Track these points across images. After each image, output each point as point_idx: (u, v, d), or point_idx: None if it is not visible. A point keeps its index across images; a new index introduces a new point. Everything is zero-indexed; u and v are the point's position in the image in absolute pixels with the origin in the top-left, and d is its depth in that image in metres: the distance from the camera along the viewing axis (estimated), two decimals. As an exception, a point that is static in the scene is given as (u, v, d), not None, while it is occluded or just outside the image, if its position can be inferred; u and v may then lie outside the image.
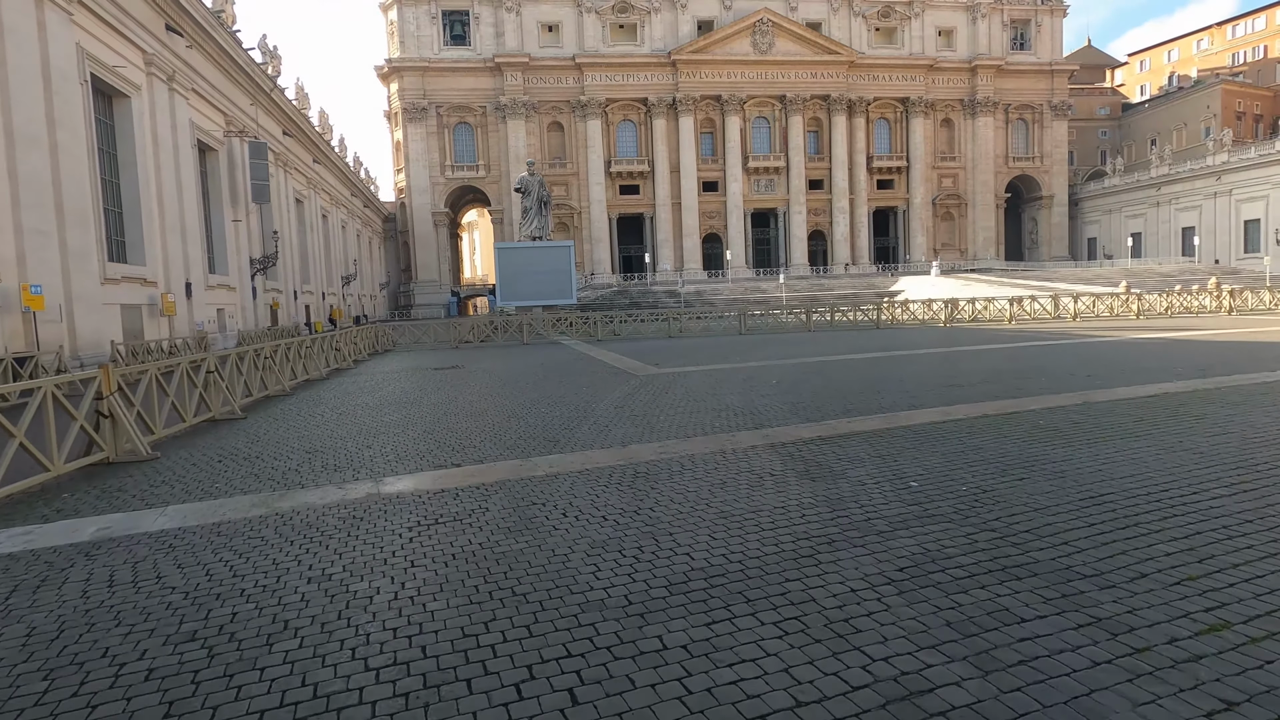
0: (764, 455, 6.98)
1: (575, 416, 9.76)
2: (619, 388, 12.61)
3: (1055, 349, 17.17)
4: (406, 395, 13.03)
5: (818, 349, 19.27)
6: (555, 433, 8.64)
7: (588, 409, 10.34)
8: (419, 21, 74.32)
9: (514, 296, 36.48)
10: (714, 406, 10.14)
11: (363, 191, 71.65)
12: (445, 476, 6.66)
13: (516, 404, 11.26)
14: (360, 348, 22.01)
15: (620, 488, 5.99)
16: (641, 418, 9.42)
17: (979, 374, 12.91)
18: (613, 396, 11.54)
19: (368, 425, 9.88)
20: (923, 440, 7.40)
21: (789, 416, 9.11)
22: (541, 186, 39.08)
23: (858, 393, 10.98)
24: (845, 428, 8.18)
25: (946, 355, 16.50)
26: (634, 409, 10.19)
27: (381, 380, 15.99)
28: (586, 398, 11.51)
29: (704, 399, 10.91)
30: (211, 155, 34.38)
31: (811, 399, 10.52)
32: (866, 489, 5.64)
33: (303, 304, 47.86)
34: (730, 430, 8.36)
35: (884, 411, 9.20)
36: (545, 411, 10.31)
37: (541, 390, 12.83)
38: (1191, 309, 28.56)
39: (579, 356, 19.48)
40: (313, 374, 16.46)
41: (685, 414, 9.59)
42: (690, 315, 30.50)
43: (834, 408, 9.66)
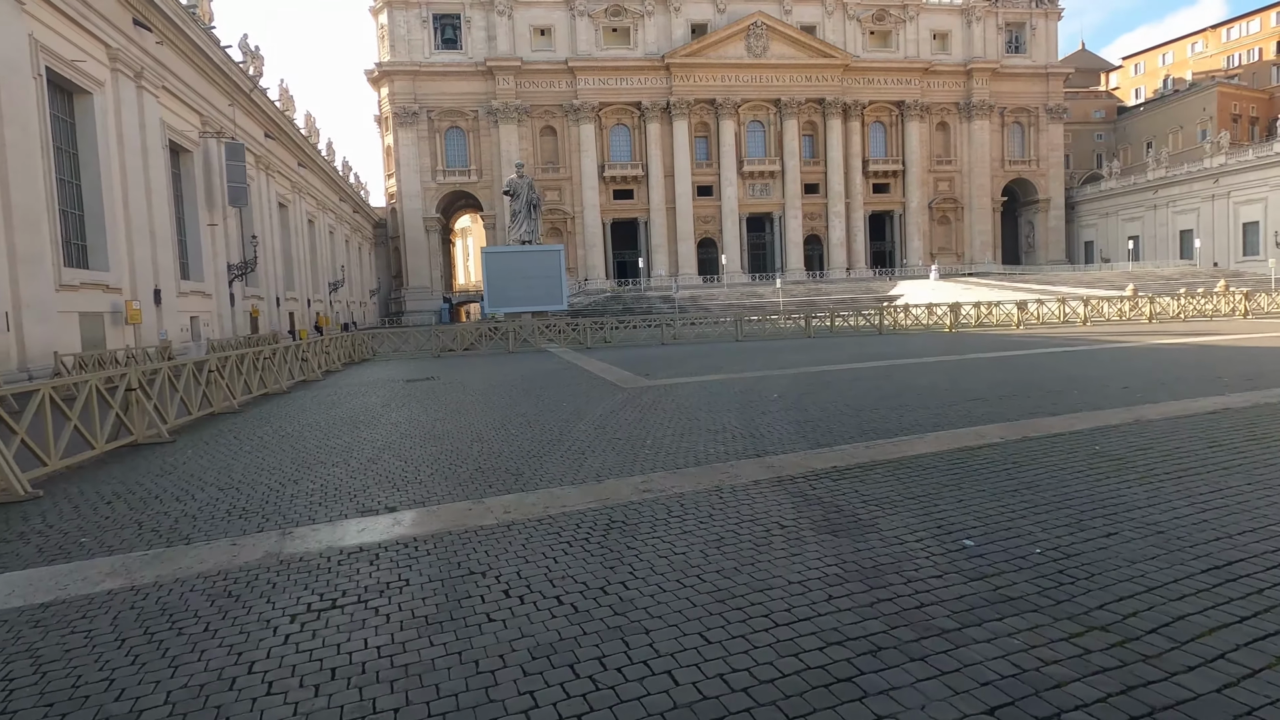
0: (770, 495, 5.66)
1: (548, 440, 8.43)
2: (603, 403, 11.29)
3: (1077, 356, 15.93)
4: (364, 413, 11.67)
5: (820, 357, 17.98)
6: (521, 462, 7.30)
7: (564, 430, 9.01)
8: (410, 25, 73.28)
9: (502, 303, 35.13)
10: (708, 426, 8.83)
11: (352, 196, 70.27)
12: (371, 526, 5.31)
13: (484, 424, 9.92)
14: (333, 358, 20.62)
15: (587, 546, 4.66)
16: (624, 442, 8.10)
17: (1003, 385, 11.64)
18: (595, 414, 10.21)
19: (307, 452, 8.52)
20: (961, 473, 6.10)
21: (795, 440, 7.80)
22: (531, 189, 37.82)
23: (871, 409, 9.68)
24: (863, 455, 6.87)
25: (961, 364, 15.23)
26: (617, 430, 8.86)
27: (345, 395, 14.61)
28: (565, 415, 10.19)
29: (697, 417, 9.60)
30: (186, 156, 33.00)
31: (819, 417, 9.22)
32: (908, 549, 4.33)
33: (286, 311, 46.41)
34: (727, 458, 7.04)
35: (905, 433, 7.90)
36: (515, 434, 8.98)
37: (516, 407, 11.49)
38: (1205, 312, 27.45)
39: (565, 366, 18.14)
40: (272, 388, 15.07)
41: (675, 436, 8.27)
42: (684, 321, 29.24)
43: (846, 428, 8.36)
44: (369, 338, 25.84)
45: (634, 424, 9.24)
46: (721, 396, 11.46)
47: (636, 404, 10.99)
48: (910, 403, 10.07)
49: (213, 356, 12.23)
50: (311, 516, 5.62)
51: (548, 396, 12.48)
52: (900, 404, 10.01)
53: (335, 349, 20.92)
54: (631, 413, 10.18)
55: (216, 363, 12.21)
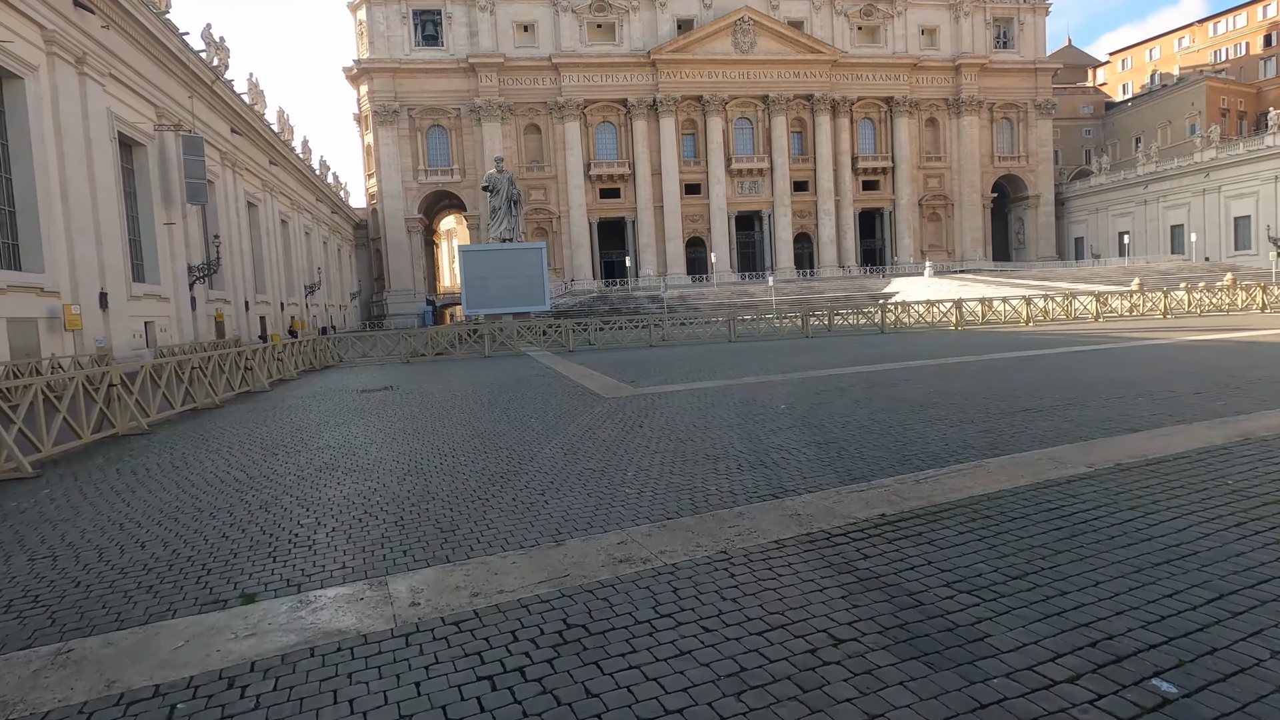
0: (802, 568, 3.91)
1: (503, 472, 6.63)
2: (579, 418, 9.49)
3: (1111, 356, 14.33)
4: (293, 434, 9.78)
5: (824, 359, 16.27)
6: (459, 509, 5.49)
7: (526, 457, 7.21)
8: (389, 21, 71.28)
9: (481, 304, 33.22)
10: (706, 450, 7.06)
11: (329, 196, 67.93)
12: (199, 636, 3.48)
13: (429, 449, 8.09)
14: (288, 365, 18.63)
15: (523, 683, 2.86)
16: (599, 474, 6.32)
17: (1046, 391, 9.95)
18: (567, 433, 8.42)
19: (185, 494, 6.63)
20: (1065, 525, 4.37)
21: (819, 470, 6.05)
22: (511, 184, 35.93)
23: (901, 424, 7.95)
24: (916, 494, 5.14)
25: (984, 365, 13.57)
26: (592, 456, 7.08)
27: (285, 409, 12.69)
28: (531, 435, 8.39)
29: (691, 436, 7.83)
30: (139, 150, 30.79)
31: (842, 435, 7.48)
32: (1061, 699, 2.57)
33: (256, 315, 44.19)
34: (734, 500, 5.28)
35: (957, 457, 6.19)
36: (463, 463, 7.17)
37: (476, 423, 9.66)
38: (1221, 306, 26.11)
39: (542, 372, 16.31)
40: (203, 401, 13.10)
41: (664, 465, 6.51)
42: (673, 321, 27.50)
43: (879, 451, 6.63)
44: (333, 342, 23.82)
45: (613, 447, 7.45)
46: (718, 408, 9.71)
47: (619, 419, 9.21)
48: (947, 414, 8.36)
49: (115, 368, 10.27)
50: (119, 614, 3.76)
51: (516, 409, 10.67)
52: (935, 416, 8.29)
53: (291, 355, 18.94)
54: (611, 431, 8.40)
55: (121, 375, 10.25)
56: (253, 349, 15.30)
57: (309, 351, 20.76)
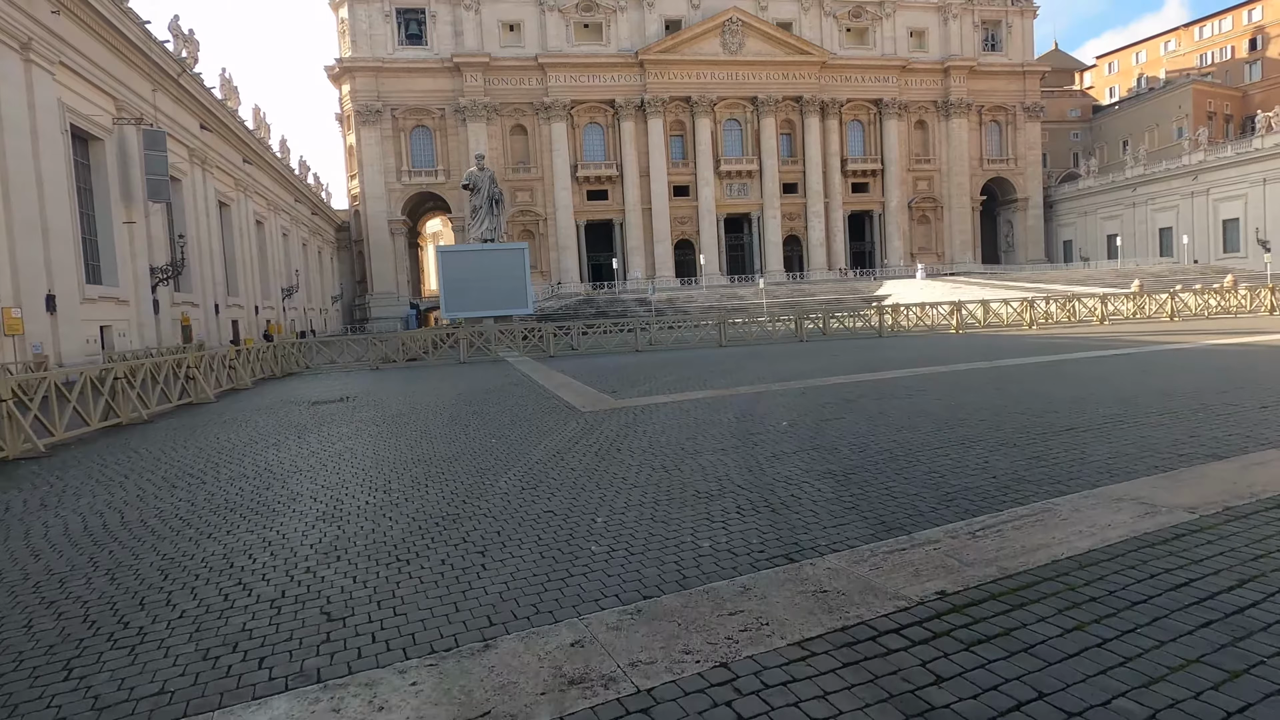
0: (845, 700, 2.57)
1: (438, 518, 5.25)
2: (548, 438, 8.12)
3: (1139, 361, 13.15)
4: (212, 458, 8.32)
5: (823, 366, 14.99)
6: (363, 579, 4.11)
7: (473, 493, 5.84)
8: (372, 20, 69.71)
9: (461, 307, 31.74)
10: (696, 484, 5.73)
11: (309, 197, 66.01)
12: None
13: (359, 481, 6.69)
14: (242, 373, 17.08)
15: None
16: (560, 522, 4.96)
17: (1085, 404, 8.70)
18: (530, 459, 7.05)
19: (2, 557, 5.19)
20: (1218, 611, 3.08)
21: (842, 515, 4.74)
22: (493, 183, 34.50)
23: (931, 447, 6.66)
24: (980, 554, 3.83)
25: (1001, 372, 12.35)
26: (554, 494, 5.72)
27: (220, 425, 11.20)
28: (487, 462, 7.01)
29: (678, 464, 6.50)
30: (96, 145, 29.06)
31: (860, 462, 6.18)
32: None
33: (228, 319, 42.36)
34: (734, 566, 3.94)
35: (1012, 496, 4.90)
36: (395, 502, 5.78)
37: (426, 445, 8.26)
38: (1229, 309, 25.19)
39: (517, 381, 14.91)
40: (129, 416, 11.58)
41: (643, 508, 5.17)
42: (661, 325, 26.19)
43: (914, 486, 5.33)
44: (296, 348, 22.23)
45: (583, 479, 6.10)
46: (710, 425, 8.38)
47: (594, 439, 7.87)
48: (980, 434, 7.08)
49: (2, 381, 8.76)
50: None
51: (479, 426, 9.28)
52: (967, 436, 7.01)
53: (247, 363, 17.39)
54: (584, 455, 7.04)
55: (13, 388, 8.74)
56: (197, 356, 13.78)
57: (269, 358, 19.21)
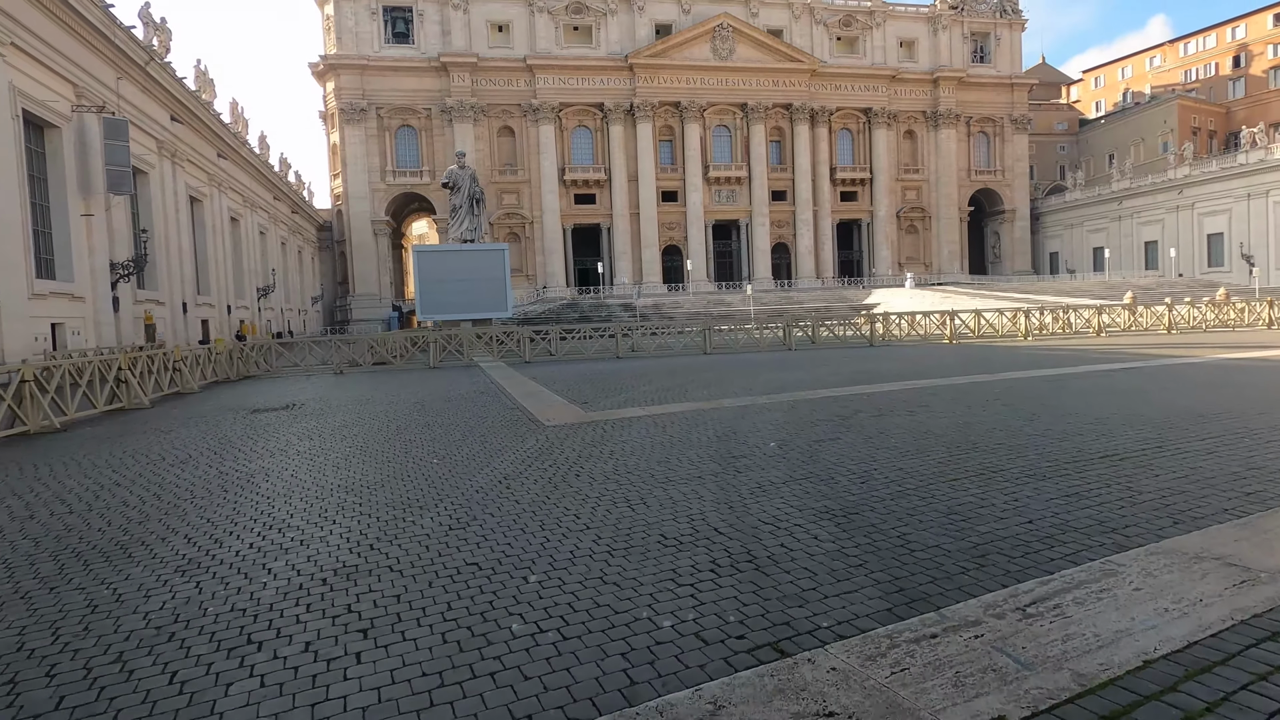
0: None
1: (322, 577, 4.29)
2: (496, 460, 7.17)
3: (1156, 377, 12.41)
4: (100, 481, 7.27)
5: (814, 376, 14.16)
6: (172, 698, 3.15)
7: (383, 536, 4.89)
8: (358, 17, 68.57)
9: (437, 309, 30.67)
10: (663, 526, 4.82)
11: (289, 196, 64.51)
12: None
13: (248, 520, 5.70)
14: (188, 376, 15.93)
15: None
16: (478, 586, 4.03)
17: (1112, 424, 7.88)
18: (469, 487, 6.10)
19: None
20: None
21: (845, 574, 3.85)
22: (473, 181, 33.51)
23: (948, 479, 5.79)
24: (1041, 651, 2.98)
25: (1012, 387, 11.54)
26: (483, 537, 4.78)
27: (138, 436, 10.12)
28: (417, 490, 6.06)
29: (644, 496, 5.59)
30: (53, 132, 27.72)
31: (866, 496, 5.30)
32: None
33: (198, 318, 40.89)
34: (704, 667, 3.07)
35: (1065, 553, 4.06)
36: (279, 553, 4.81)
37: (352, 469, 7.27)
38: (1226, 322, 24.77)
39: (484, 389, 13.94)
40: (40, 425, 10.45)
41: (591, 562, 4.25)
42: (645, 331, 25.31)
43: (935, 534, 4.45)
44: (253, 349, 21.04)
45: (525, 518, 5.16)
46: (688, 445, 7.48)
47: (550, 462, 6.93)
48: (1001, 462, 6.21)
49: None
50: None
51: (425, 441, 8.31)
52: (987, 465, 6.13)
53: (195, 365, 16.23)
54: (533, 485, 6.09)
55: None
56: (130, 357, 12.67)
57: (223, 360, 18.05)
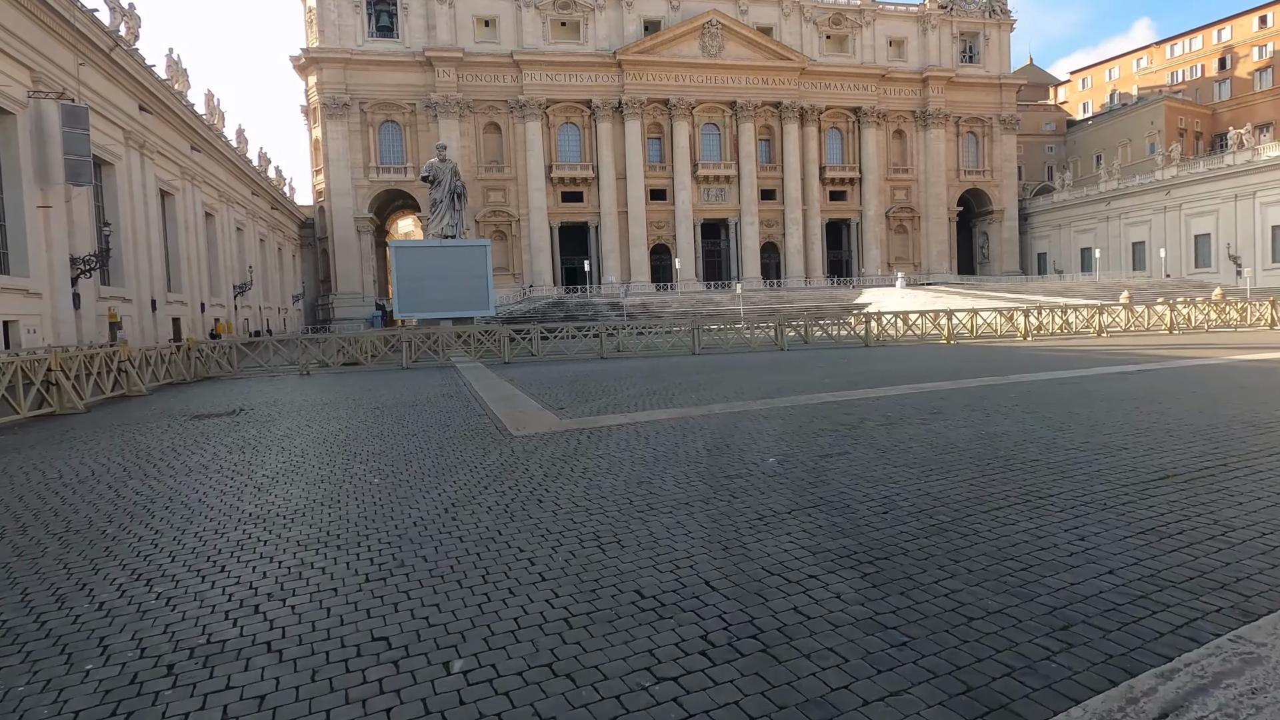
0: None
1: (161, 665, 3.30)
2: (447, 481, 6.20)
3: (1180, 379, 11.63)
4: None
5: (809, 379, 13.27)
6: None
7: (269, 599, 3.90)
8: (340, 9, 67.12)
9: (416, 307, 29.55)
10: (640, 578, 3.85)
11: (269, 191, 62.84)
12: None
13: (112, 571, 4.71)
14: (135, 377, 14.75)
15: None
16: (378, 682, 3.04)
17: (1153, 434, 7.05)
18: (410, 517, 5.12)
19: None
20: None
21: (885, 662, 2.92)
22: (455, 175, 32.40)
23: (988, 507, 4.87)
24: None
25: (1028, 391, 10.70)
26: (402, 599, 3.80)
27: (52, 446, 9.02)
28: (348, 521, 5.06)
29: (619, 533, 4.64)
30: (7, 119, 26.29)
31: (888, 532, 4.37)
32: None
33: (168, 316, 39.40)
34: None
35: (1168, 620, 3.19)
36: (121, 630, 3.82)
37: (275, 492, 6.28)
38: (1228, 322, 24.26)
39: (453, 392, 12.93)
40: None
41: (540, 638, 3.31)
42: (631, 330, 24.36)
43: (991, 594, 3.53)
44: (214, 349, 19.83)
45: (465, 564, 4.18)
46: (674, 460, 6.55)
47: (511, 482, 5.97)
48: (1045, 483, 5.31)
49: None
50: None
51: (369, 457, 7.31)
52: (1030, 488, 5.23)
53: (146, 365, 15.07)
54: (485, 514, 5.12)
55: None
56: (64, 356, 11.55)
57: (179, 360, 16.86)
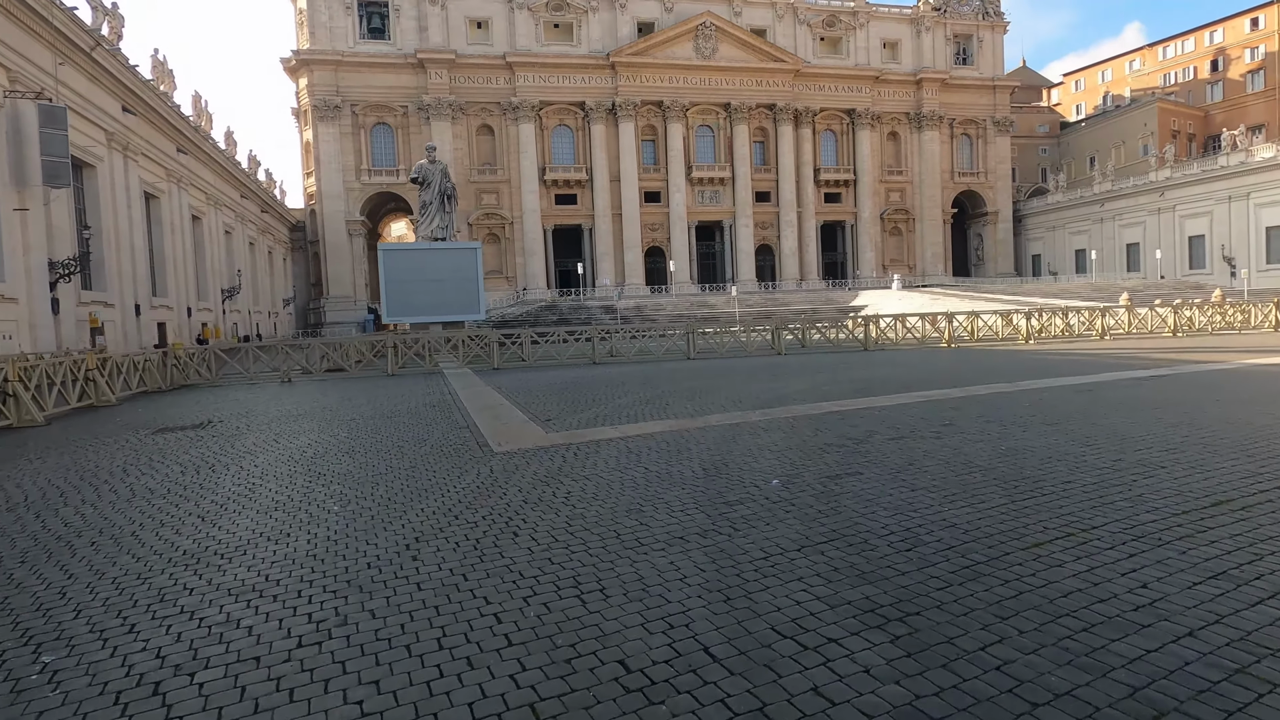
0: None
1: None
2: (415, 508, 5.65)
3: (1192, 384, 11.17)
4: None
5: (809, 386, 12.76)
6: None
7: (159, 685, 3.35)
8: (332, 11, 66.48)
9: (405, 311, 28.92)
10: (626, 648, 3.30)
11: (258, 194, 62.04)
12: None
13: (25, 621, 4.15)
14: (105, 387, 14.11)
15: None
16: None
17: (1195, 450, 6.55)
18: (361, 557, 4.58)
19: None
20: None
21: None
22: (445, 176, 31.81)
23: (1021, 538, 4.35)
24: None
25: (1040, 400, 10.17)
26: (327, 684, 3.23)
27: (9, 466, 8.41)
28: (282, 565, 4.52)
29: (602, 579, 4.10)
30: (-17, 121, 25.59)
31: (916, 577, 3.84)
32: None
33: (153, 321, 38.66)
34: None
35: None
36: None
37: (219, 526, 5.71)
38: (1232, 324, 23.90)
39: (436, 401, 12.37)
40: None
41: None
42: (625, 333, 23.82)
43: (1054, 663, 2.98)
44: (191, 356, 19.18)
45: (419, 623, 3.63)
46: (667, 483, 6.02)
47: (486, 510, 5.44)
48: (1083, 513, 4.81)
49: None
50: None
51: (334, 479, 6.76)
52: (1069, 520, 4.70)
53: (118, 373, 14.44)
54: (451, 552, 4.58)
55: None
56: (22, 364, 10.93)
57: (155, 367, 16.23)
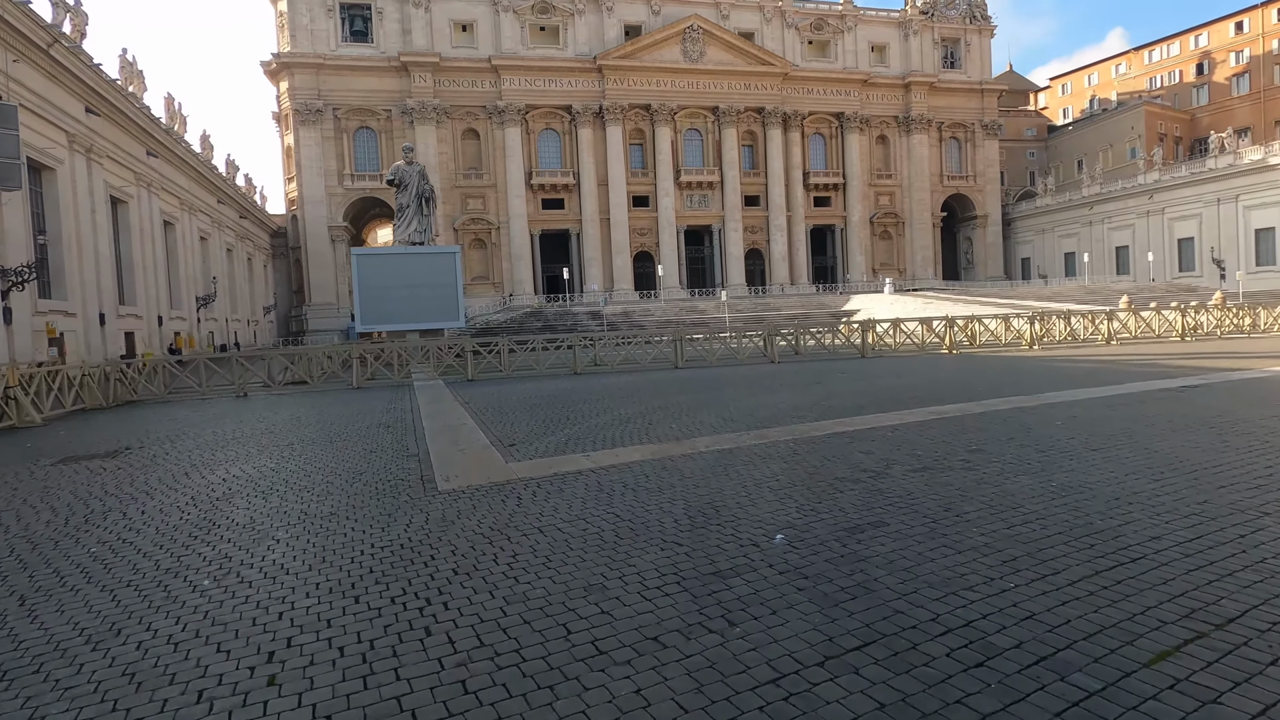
0: None
1: None
2: (316, 577, 4.44)
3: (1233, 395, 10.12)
4: None
5: (809, 399, 11.62)
6: None
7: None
8: (313, 13, 65.09)
9: (380, 319, 27.63)
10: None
11: (236, 199, 60.38)
12: None
13: None
14: (26, 405, 12.73)
15: None
16: None
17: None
18: (203, 672, 3.40)
19: None
20: None
21: None
22: (423, 178, 30.57)
23: (1139, 643, 3.18)
24: None
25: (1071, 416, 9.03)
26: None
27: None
28: (86, 692, 3.31)
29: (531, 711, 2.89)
30: (-72, 121, 24.08)
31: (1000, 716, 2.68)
32: None
33: (120, 330, 37.05)
34: None
35: None
36: None
37: (39, 615, 4.45)
38: (1241, 328, 23.11)
39: (394, 420, 11.15)
40: None
41: None
42: (611, 341, 22.67)
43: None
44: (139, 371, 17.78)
45: None
46: (643, 538, 4.85)
47: (404, 581, 4.24)
48: (1199, 591, 3.63)
49: None
50: None
51: (226, 531, 5.54)
52: (1185, 601, 3.52)
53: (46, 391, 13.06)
54: (338, 659, 3.38)
55: None
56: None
57: (94, 383, 14.87)
